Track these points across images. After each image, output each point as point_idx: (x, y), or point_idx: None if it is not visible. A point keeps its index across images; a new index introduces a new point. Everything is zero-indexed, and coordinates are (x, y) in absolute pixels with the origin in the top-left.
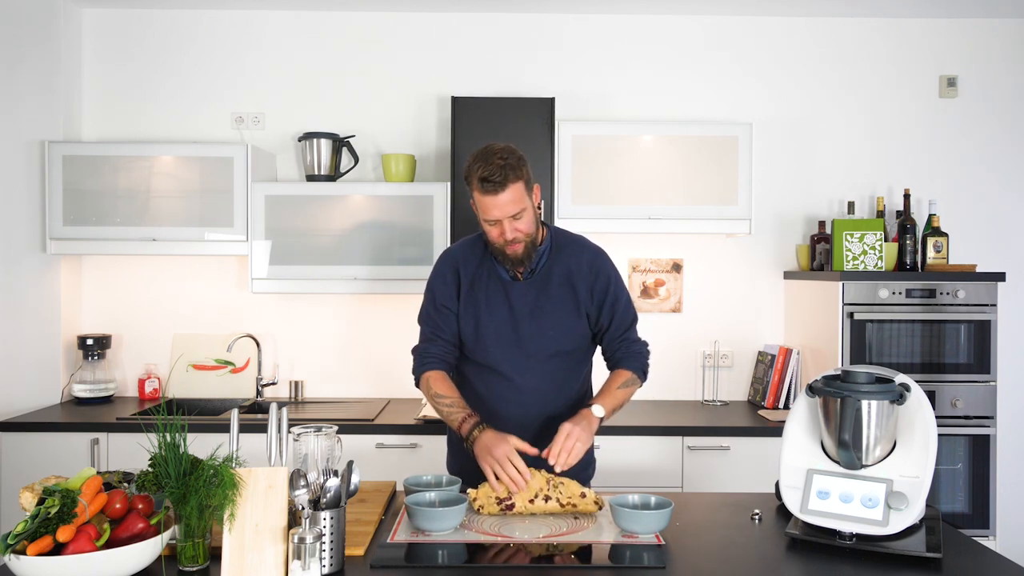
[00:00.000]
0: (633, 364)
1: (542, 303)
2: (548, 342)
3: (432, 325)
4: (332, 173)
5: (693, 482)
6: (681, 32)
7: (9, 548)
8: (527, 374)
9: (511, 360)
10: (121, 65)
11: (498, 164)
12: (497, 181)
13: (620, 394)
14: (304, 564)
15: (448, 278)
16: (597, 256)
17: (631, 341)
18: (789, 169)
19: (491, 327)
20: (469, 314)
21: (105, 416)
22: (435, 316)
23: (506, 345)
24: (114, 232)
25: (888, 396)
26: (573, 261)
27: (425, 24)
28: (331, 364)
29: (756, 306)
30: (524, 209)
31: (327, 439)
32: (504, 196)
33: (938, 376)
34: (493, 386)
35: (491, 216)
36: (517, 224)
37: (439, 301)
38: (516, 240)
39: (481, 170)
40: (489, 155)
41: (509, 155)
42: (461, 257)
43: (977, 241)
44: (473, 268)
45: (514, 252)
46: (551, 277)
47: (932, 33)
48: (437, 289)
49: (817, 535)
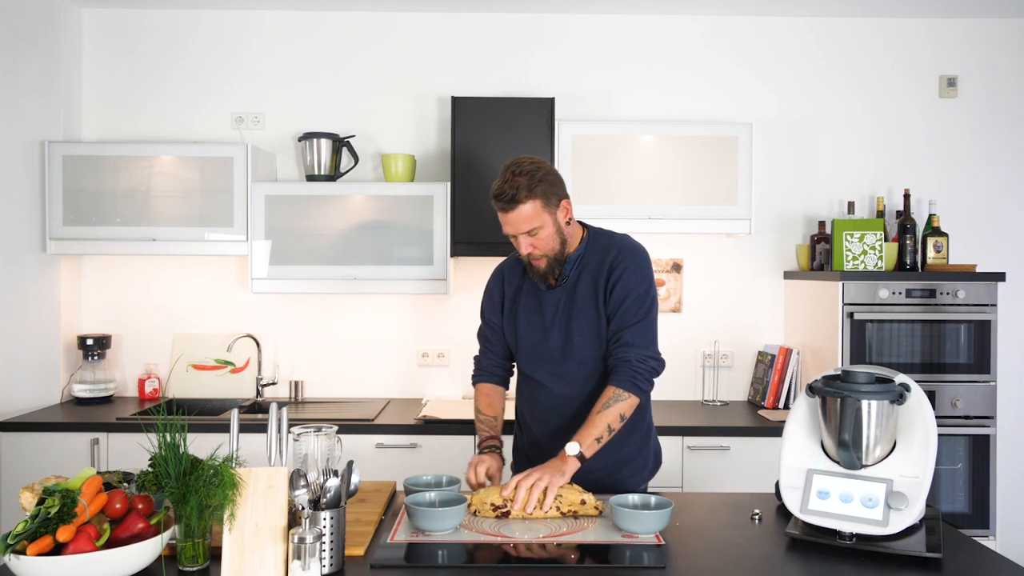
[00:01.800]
0: (617, 377)
1: (569, 309)
2: (576, 349)
3: (484, 339)
4: (332, 173)
5: (693, 482)
6: (681, 32)
7: (9, 548)
8: (559, 381)
9: (544, 368)
10: (121, 65)
11: (512, 182)
12: (505, 199)
13: (600, 420)
14: (304, 564)
15: (493, 293)
16: (623, 248)
17: (623, 344)
18: (789, 169)
19: (527, 337)
20: (511, 325)
21: (105, 416)
22: (485, 330)
23: (539, 354)
24: (114, 232)
25: (888, 396)
26: (598, 259)
27: (425, 24)
28: (331, 364)
29: (756, 306)
30: (540, 227)
31: (327, 439)
32: (515, 214)
33: (938, 376)
34: (534, 394)
35: (506, 231)
36: (534, 241)
37: (486, 316)
38: (534, 256)
39: (496, 185)
40: (509, 171)
41: (530, 172)
42: (508, 270)
43: (977, 241)
44: (517, 280)
45: (537, 266)
46: (580, 282)
47: (932, 33)
48: (484, 305)
49: (817, 535)
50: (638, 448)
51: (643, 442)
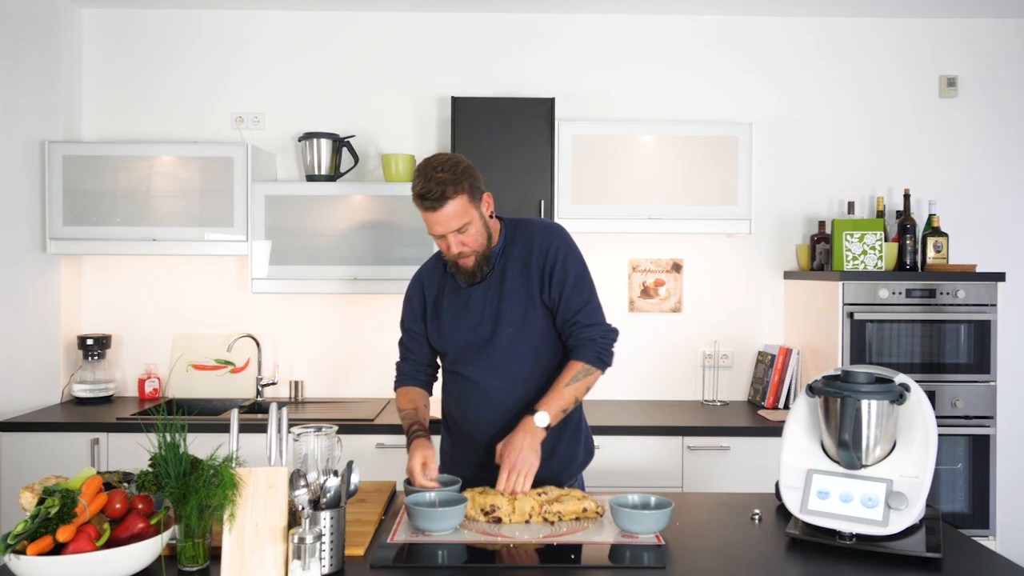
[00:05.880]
0: (585, 353)
1: (497, 302)
2: (507, 341)
3: (404, 347)
4: (332, 173)
5: (693, 482)
6: (681, 32)
7: (9, 548)
8: (491, 377)
9: (474, 365)
10: (121, 65)
11: (436, 179)
12: (434, 197)
13: (568, 392)
14: (304, 564)
15: (413, 301)
16: (546, 233)
17: (583, 326)
18: (789, 169)
19: (453, 337)
20: (435, 327)
21: (105, 416)
22: (405, 339)
23: (468, 351)
24: (114, 232)
25: (888, 396)
26: (524, 248)
27: (425, 24)
28: (331, 364)
29: (756, 306)
30: (469, 222)
31: (327, 439)
32: (443, 212)
33: (938, 376)
34: (464, 391)
35: (434, 231)
36: (463, 238)
37: (406, 324)
38: (463, 254)
39: (419, 185)
40: (429, 169)
41: (451, 167)
42: (426, 275)
43: (977, 241)
44: (437, 283)
45: (465, 265)
46: (505, 273)
47: (932, 33)
48: (405, 313)
49: (817, 535)
50: (571, 440)
51: (575, 433)
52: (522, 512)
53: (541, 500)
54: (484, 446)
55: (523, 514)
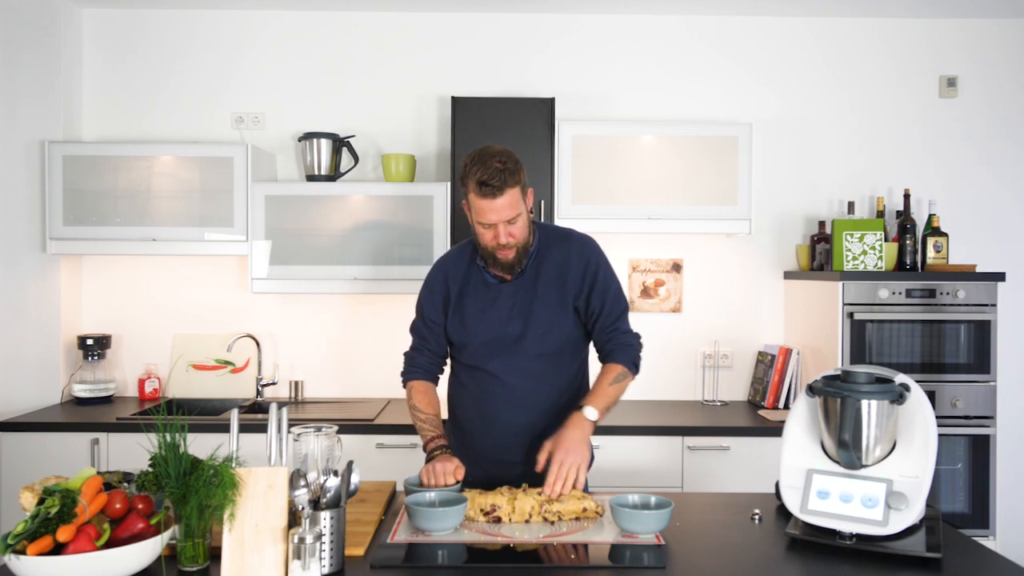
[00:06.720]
0: (624, 357)
1: (529, 302)
2: (535, 341)
3: (420, 336)
4: (332, 173)
5: (693, 482)
6: (681, 32)
7: (9, 548)
8: (516, 373)
9: (500, 360)
10: (121, 65)
11: (497, 168)
12: (496, 185)
13: (612, 391)
14: (304, 564)
15: (436, 290)
16: (585, 245)
17: (622, 332)
18: (789, 169)
19: (477, 331)
20: (457, 320)
21: (105, 416)
22: (422, 328)
23: (494, 347)
24: (114, 232)
25: (888, 396)
26: (561, 255)
27: (425, 24)
28: (331, 364)
29: (756, 306)
30: (519, 214)
31: (327, 439)
32: (501, 200)
33: (938, 376)
34: (485, 386)
35: (487, 220)
36: (511, 229)
37: (426, 314)
38: (508, 245)
39: (480, 173)
40: (487, 157)
41: (508, 159)
42: (451, 265)
43: (977, 241)
44: (462, 275)
45: (505, 257)
46: (539, 275)
47: (932, 33)
48: (424, 302)
49: (817, 535)
50: None
51: None
52: (522, 512)
53: (541, 500)
54: (499, 441)
55: (523, 514)
